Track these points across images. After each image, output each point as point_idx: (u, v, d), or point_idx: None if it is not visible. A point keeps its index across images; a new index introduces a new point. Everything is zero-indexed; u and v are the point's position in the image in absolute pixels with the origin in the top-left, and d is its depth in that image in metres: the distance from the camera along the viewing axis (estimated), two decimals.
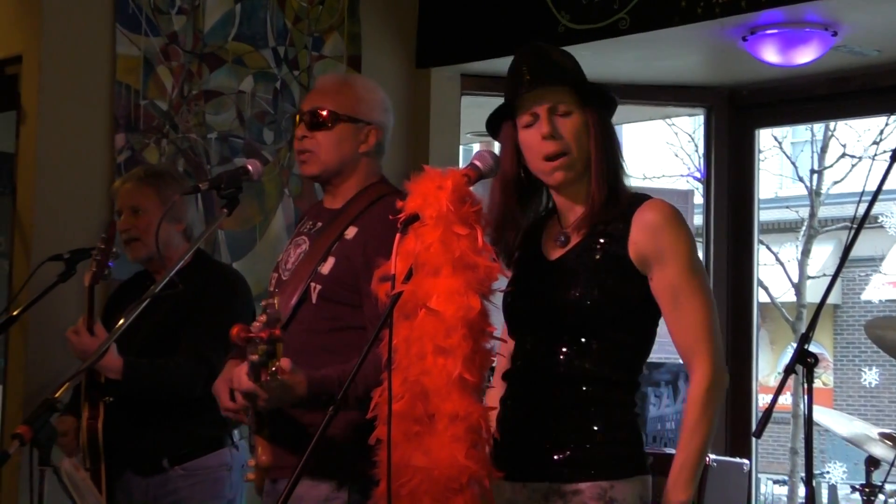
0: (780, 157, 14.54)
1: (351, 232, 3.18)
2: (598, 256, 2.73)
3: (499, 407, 2.81)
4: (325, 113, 3.24)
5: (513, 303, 2.84)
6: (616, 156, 2.79)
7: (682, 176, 13.70)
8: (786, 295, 13.77)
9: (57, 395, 2.69)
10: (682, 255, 2.70)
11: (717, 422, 2.68)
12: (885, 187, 2.71)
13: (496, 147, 3.00)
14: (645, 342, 2.79)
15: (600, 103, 2.81)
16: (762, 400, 6.01)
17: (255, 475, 3.18)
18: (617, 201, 2.75)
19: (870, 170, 3.03)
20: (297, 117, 3.30)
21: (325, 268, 3.16)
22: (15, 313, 4.21)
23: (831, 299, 15.77)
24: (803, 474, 2.56)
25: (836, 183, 13.49)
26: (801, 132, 14.80)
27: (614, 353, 2.72)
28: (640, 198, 2.77)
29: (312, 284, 3.16)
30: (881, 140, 12.80)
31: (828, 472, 13.67)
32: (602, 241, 2.74)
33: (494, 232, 2.82)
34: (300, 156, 3.28)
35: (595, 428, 2.69)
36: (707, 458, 4.68)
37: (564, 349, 2.72)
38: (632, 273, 2.71)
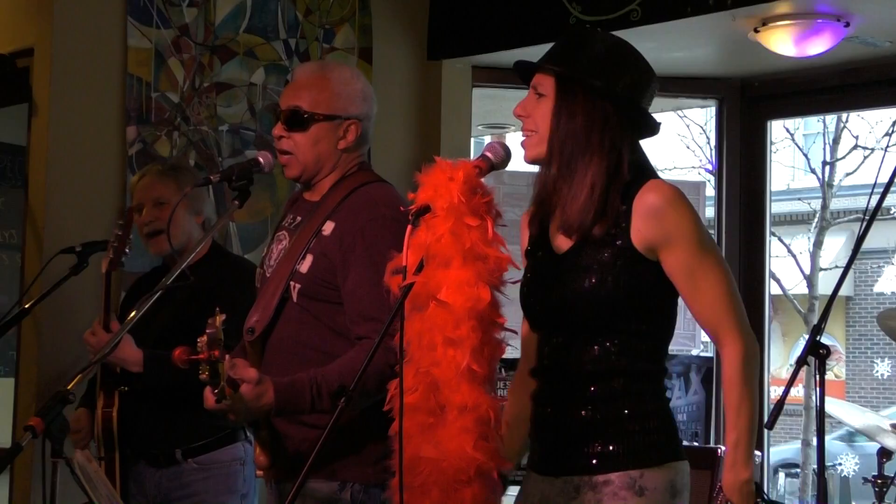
0: (792, 149, 14.51)
1: (328, 227, 3.12)
2: (605, 248, 2.69)
3: (530, 404, 2.80)
4: (300, 112, 3.17)
5: (528, 299, 2.82)
6: (584, 149, 2.70)
7: (693, 168, 13.68)
8: (798, 287, 13.74)
9: (69, 387, 2.70)
10: (689, 233, 2.66)
11: (757, 391, 2.66)
12: None
13: (507, 139, 3.00)
14: (665, 328, 2.77)
15: (609, 98, 2.71)
16: (774, 392, 6.01)
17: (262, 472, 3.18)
18: (604, 195, 2.69)
19: (882, 161, 3.02)
20: (275, 114, 3.21)
21: (304, 266, 3.11)
22: (27, 306, 4.22)
23: (843, 291, 15.71)
24: (815, 466, 2.55)
25: (848, 174, 13.44)
26: (813, 124, 14.75)
27: (636, 344, 2.70)
28: (639, 179, 2.71)
29: (292, 283, 3.11)
30: (893, 131, 12.77)
31: (840, 464, 13.66)
32: (605, 231, 2.70)
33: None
34: (280, 157, 3.21)
35: (624, 420, 2.68)
36: (718, 450, 4.70)
37: (587, 344, 2.70)
38: (641, 261, 2.68)
